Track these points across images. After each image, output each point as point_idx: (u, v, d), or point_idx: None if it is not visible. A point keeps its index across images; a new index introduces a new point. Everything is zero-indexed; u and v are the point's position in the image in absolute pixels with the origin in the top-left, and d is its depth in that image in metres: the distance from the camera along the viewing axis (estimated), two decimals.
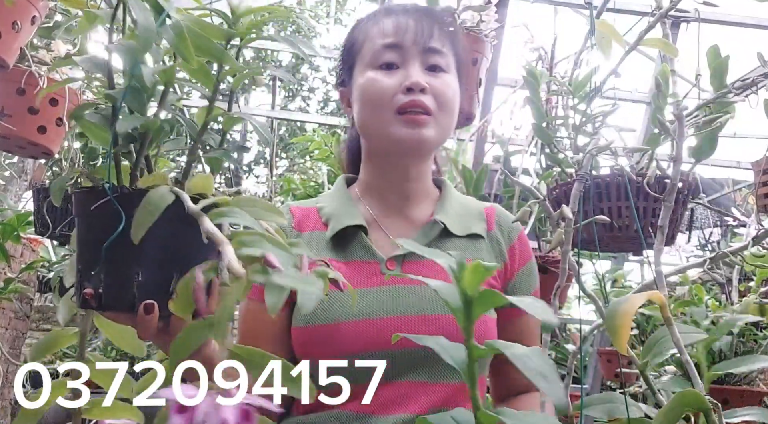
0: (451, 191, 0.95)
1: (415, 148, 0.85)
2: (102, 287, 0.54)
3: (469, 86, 1.36)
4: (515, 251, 0.92)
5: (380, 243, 0.88)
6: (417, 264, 0.86)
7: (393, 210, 0.91)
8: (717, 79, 1.06)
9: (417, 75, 0.84)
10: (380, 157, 0.90)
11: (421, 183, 0.92)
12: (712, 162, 3.35)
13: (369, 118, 0.87)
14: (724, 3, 1.36)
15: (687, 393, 0.55)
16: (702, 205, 1.30)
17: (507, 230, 0.93)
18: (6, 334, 2.82)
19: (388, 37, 0.86)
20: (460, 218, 0.90)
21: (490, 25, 1.35)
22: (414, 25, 0.86)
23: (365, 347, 0.79)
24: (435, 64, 0.86)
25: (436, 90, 0.85)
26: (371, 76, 0.85)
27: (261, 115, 5.47)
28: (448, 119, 0.87)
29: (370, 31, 0.89)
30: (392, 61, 0.85)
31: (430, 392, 0.80)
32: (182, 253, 0.54)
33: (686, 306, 1.55)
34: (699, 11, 1.06)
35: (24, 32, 1.20)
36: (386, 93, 0.84)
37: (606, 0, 1.02)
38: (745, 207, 3.37)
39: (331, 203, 0.91)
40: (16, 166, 4.50)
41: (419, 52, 0.86)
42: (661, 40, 0.97)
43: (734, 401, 1.47)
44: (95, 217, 0.55)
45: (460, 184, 1.65)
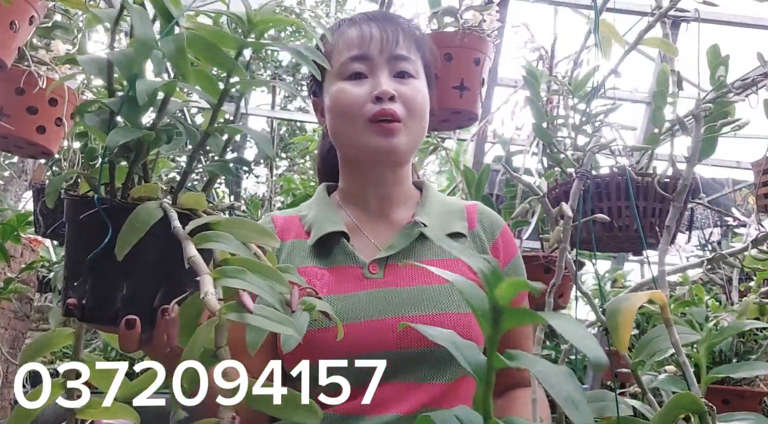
0: (431, 192, 0.95)
1: (388, 157, 0.87)
2: (86, 297, 0.53)
3: (473, 87, 1.36)
4: (499, 247, 0.92)
5: (362, 248, 0.88)
6: (401, 266, 0.86)
7: (374, 215, 0.92)
8: (717, 79, 1.06)
9: (385, 84, 0.85)
10: (355, 165, 0.92)
11: (399, 187, 0.92)
12: (712, 162, 3.35)
13: (341, 129, 0.88)
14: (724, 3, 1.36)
15: (682, 396, 0.54)
16: (702, 205, 1.30)
17: (490, 227, 0.93)
18: (6, 334, 2.82)
19: (353, 49, 0.87)
20: (441, 218, 0.90)
21: (492, 25, 1.35)
22: (379, 33, 0.87)
23: (350, 351, 0.78)
24: (403, 70, 0.87)
25: (405, 97, 0.86)
26: (341, 87, 0.87)
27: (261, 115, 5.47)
28: (418, 125, 0.88)
29: (337, 42, 0.90)
30: (360, 70, 0.87)
31: (419, 393, 0.80)
32: (170, 268, 0.52)
33: (686, 306, 1.55)
34: (699, 11, 1.06)
35: (22, 32, 1.20)
36: (356, 103, 0.85)
37: (606, 0, 1.02)
38: (745, 207, 3.37)
39: (313, 211, 0.92)
40: (16, 166, 4.50)
41: (386, 61, 0.87)
42: (661, 40, 0.97)
43: (734, 402, 1.47)
44: (83, 226, 0.54)
45: (462, 185, 1.65)
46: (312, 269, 0.86)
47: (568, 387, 0.30)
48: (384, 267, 0.86)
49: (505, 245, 0.93)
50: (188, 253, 0.47)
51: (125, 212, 0.51)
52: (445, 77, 1.32)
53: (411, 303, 0.82)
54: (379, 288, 0.84)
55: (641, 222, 1.18)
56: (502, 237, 0.93)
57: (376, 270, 0.85)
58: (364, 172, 0.91)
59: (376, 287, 0.84)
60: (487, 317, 0.33)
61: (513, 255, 0.93)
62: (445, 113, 1.39)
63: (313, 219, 0.90)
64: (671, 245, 1.27)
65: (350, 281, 0.84)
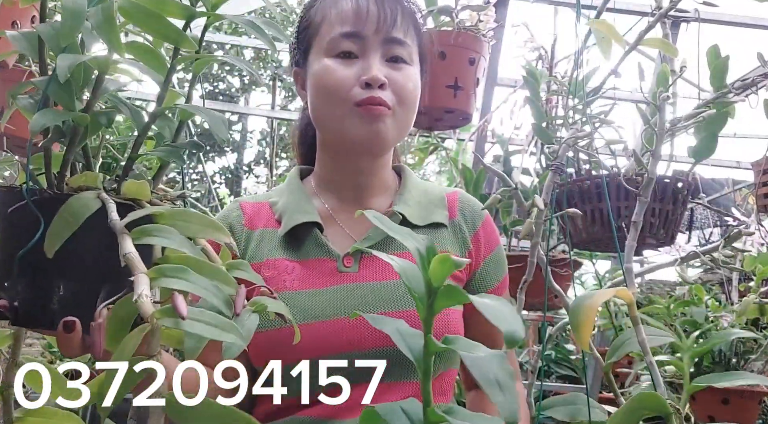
0: (411, 179, 0.90)
1: (372, 145, 0.80)
2: (18, 299, 0.48)
3: (467, 86, 1.36)
4: (480, 238, 0.88)
5: (336, 239, 0.83)
6: (376, 259, 0.80)
7: (350, 204, 0.85)
8: (717, 79, 1.06)
9: (377, 68, 0.78)
10: (334, 151, 0.85)
11: (378, 176, 0.86)
12: (712, 162, 3.35)
13: (323, 110, 0.81)
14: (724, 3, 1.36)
15: (647, 396, 0.53)
16: (702, 205, 1.30)
17: (471, 217, 0.88)
18: None
19: (346, 25, 0.79)
20: (420, 207, 0.85)
21: (489, 25, 1.35)
22: (376, 11, 0.80)
23: (323, 350, 0.74)
24: (397, 55, 0.81)
25: (396, 84, 0.79)
26: (328, 65, 0.79)
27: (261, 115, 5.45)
28: (407, 114, 0.82)
29: (328, 12, 0.82)
30: (350, 50, 0.79)
31: (398, 392, 0.75)
32: (114, 265, 0.45)
33: (686, 306, 1.55)
34: (699, 11, 1.06)
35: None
36: (343, 85, 0.78)
37: (606, 0, 1.02)
38: (745, 207, 3.37)
39: (285, 198, 0.86)
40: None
41: (380, 42, 0.80)
42: (661, 40, 0.97)
43: (734, 401, 1.47)
44: (14, 220, 0.48)
45: (461, 184, 1.65)
46: (282, 261, 0.81)
47: (495, 370, 0.30)
48: (359, 260, 0.81)
49: (487, 235, 0.89)
50: (124, 249, 0.42)
51: (60, 203, 0.46)
52: (439, 76, 1.32)
53: (385, 300, 0.78)
54: (353, 283, 0.79)
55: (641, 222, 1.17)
56: (483, 228, 0.89)
57: (351, 263, 0.81)
58: (343, 159, 0.85)
59: (350, 282, 0.79)
60: (423, 299, 0.33)
61: (494, 246, 0.89)
62: (439, 112, 1.39)
63: (284, 207, 0.84)
64: (671, 245, 1.27)
65: (323, 275, 0.80)
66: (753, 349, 1.58)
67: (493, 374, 0.30)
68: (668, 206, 1.18)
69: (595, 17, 0.95)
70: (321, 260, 0.81)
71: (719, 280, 2.21)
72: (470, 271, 0.87)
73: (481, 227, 0.89)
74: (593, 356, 0.77)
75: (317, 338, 0.75)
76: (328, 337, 0.76)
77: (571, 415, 0.72)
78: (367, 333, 0.76)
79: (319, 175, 0.89)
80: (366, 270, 0.81)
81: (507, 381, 0.30)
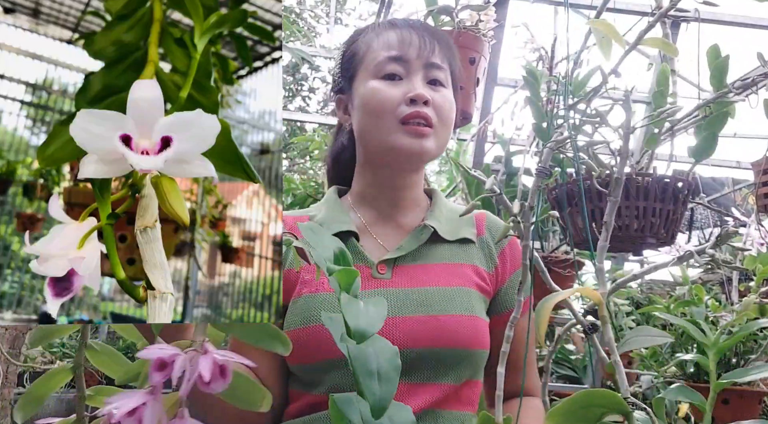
0: (441, 199, 0.97)
1: (416, 159, 0.88)
2: None
3: (467, 86, 1.36)
4: (506, 255, 0.94)
5: (371, 249, 0.89)
6: (408, 268, 0.86)
7: (384, 217, 0.93)
8: (717, 79, 1.06)
9: (420, 87, 0.86)
10: (376, 165, 0.92)
11: (413, 192, 0.94)
12: (712, 162, 3.35)
13: (370, 126, 0.88)
14: (724, 3, 1.36)
15: (598, 393, 0.50)
16: (702, 205, 1.30)
17: (497, 236, 0.94)
18: (6, 334, 2.82)
19: (392, 50, 0.88)
20: (450, 224, 0.92)
21: (489, 25, 1.35)
22: (417, 39, 0.89)
23: None
24: (435, 78, 0.89)
25: (436, 103, 0.87)
26: (375, 86, 0.87)
27: None
28: (446, 133, 0.90)
29: (373, 42, 0.91)
30: (396, 72, 0.87)
31: (424, 394, 0.80)
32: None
33: (686, 306, 1.55)
34: (699, 11, 1.06)
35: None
36: (390, 102, 0.85)
37: (606, 0, 1.02)
38: (745, 207, 3.37)
39: (323, 212, 0.93)
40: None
41: (422, 66, 0.88)
42: (661, 40, 0.97)
43: (734, 401, 1.47)
44: None
45: (461, 185, 1.65)
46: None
47: (380, 362, 0.31)
48: (392, 268, 0.86)
49: (512, 254, 0.94)
50: None
51: None
52: None
53: (417, 304, 0.82)
54: (387, 288, 0.84)
55: (642, 222, 1.18)
56: (509, 246, 0.94)
57: (385, 271, 0.86)
58: (382, 174, 0.92)
59: (384, 287, 0.84)
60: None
61: (518, 266, 0.94)
62: None
63: (322, 219, 0.91)
64: (671, 245, 1.27)
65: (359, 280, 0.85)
66: (753, 349, 1.58)
67: (375, 365, 0.31)
68: (668, 206, 1.19)
69: (595, 17, 0.95)
70: (357, 266, 0.86)
71: (719, 280, 2.21)
72: (496, 286, 0.92)
73: (508, 246, 0.94)
74: (598, 356, 0.77)
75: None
76: None
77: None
78: (401, 334, 0.80)
79: (356, 192, 0.96)
80: (398, 277, 0.86)
81: (389, 373, 0.31)
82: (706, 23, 1.09)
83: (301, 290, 0.85)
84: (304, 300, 0.83)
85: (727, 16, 2.48)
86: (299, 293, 0.85)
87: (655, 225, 1.18)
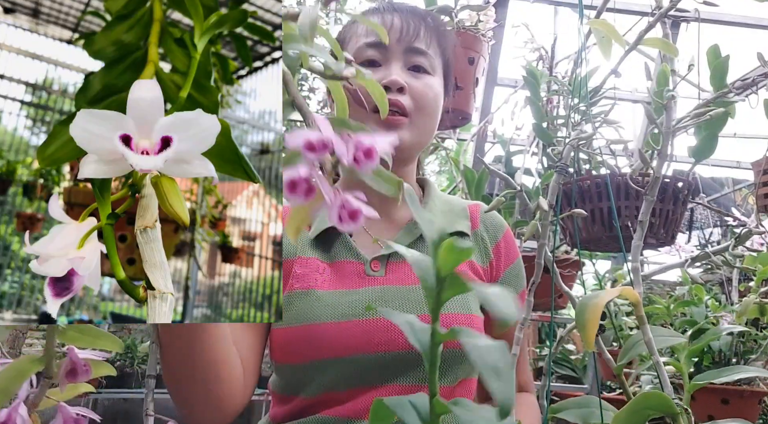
0: (434, 191, 0.93)
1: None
2: None
3: (466, 86, 1.36)
4: (501, 249, 0.91)
5: (364, 244, 0.86)
6: (402, 264, 0.83)
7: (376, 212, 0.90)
8: (717, 79, 1.06)
9: (396, 74, 0.82)
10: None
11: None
12: (712, 162, 3.35)
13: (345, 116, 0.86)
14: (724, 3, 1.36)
15: (652, 395, 0.52)
16: (702, 206, 1.30)
17: (492, 229, 0.92)
18: (6, 334, 2.82)
19: (370, 35, 0.84)
20: (444, 217, 0.88)
21: (488, 25, 1.35)
22: (399, 23, 0.84)
23: (350, 349, 0.75)
24: (418, 64, 0.85)
25: (415, 91, 0.83)
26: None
27: None
28: (427, 122, 0.85)
29: (357, 29, 0.87)
30: (374, 58, 0.84)
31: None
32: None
33: (686, 306, 1.55)
34: (699, 11, 1.06)
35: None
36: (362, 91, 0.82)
37: (606, 0, 1.02)
38: (745, 207, 3.37)
39: None
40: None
41: (402, 51, 0.84)
42: (661, 40, 0.97)
43: (734, 401, 1.47)
44: None
45: (462, 184, 1.65)
46: (313, 260, 0.83)
47: (495, 357, 0.30)
48: (386, 265, 0.83)
49: (507, 248, 0.92)
50: None
51: None
52: None
53: (412, 302, 0.80)
54: (381, 285, 0.81)
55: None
56: (504, 240, 0.92)
57: (378, 267, 0.83)
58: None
59: (378, 285, 0.81)
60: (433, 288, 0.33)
61: (514, 259, 0.92)
62: None
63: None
64: (671, 244, 1.27)
65: (351, 277, 0.82)
66: (753, 349, 1.58)
67: (492, 360, 0.30)
68: (669, 206, 1.19)
69: (595, 17, 0.95)
70: (349, 262, 0.83)
71: (719, 280, 2.21)
72: (491, 280, 0.90)
73: (502, 239, 0.92)
74: (603, 357, 0.77)
75: (346, 337, 0.76)
76: (356, 336, 0.76)
77: (583, 418, 0.72)
78: (395, 335, 0.77)
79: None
80: (392, 274, 0.83)
81: (505, 369, 0.30)
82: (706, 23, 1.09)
83: (294, 284, 0.81)
84: (296, 297, 0.80)
85: (727, 16, 2.48)
86: (292, 286, 0.81)
87: (655, 225, 1.19)
